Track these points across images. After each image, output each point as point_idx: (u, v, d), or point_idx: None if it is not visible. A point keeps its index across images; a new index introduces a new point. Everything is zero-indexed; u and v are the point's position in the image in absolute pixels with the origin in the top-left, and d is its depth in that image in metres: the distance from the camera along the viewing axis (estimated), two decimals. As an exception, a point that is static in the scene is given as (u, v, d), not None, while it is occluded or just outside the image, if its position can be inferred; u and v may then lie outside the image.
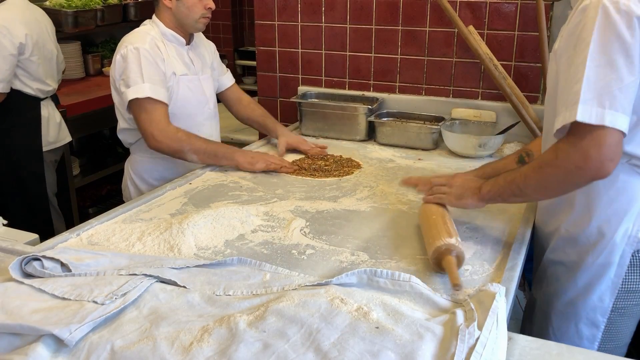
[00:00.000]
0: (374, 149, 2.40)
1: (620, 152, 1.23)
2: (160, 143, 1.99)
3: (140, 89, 1.97)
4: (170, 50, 2.09)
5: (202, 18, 2.10)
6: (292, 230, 1.59)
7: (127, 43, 2.02)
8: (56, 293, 1.15)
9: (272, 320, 1.06)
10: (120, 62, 2.01)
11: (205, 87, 2.23)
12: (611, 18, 1.19)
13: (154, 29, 2.10)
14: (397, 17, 2.55)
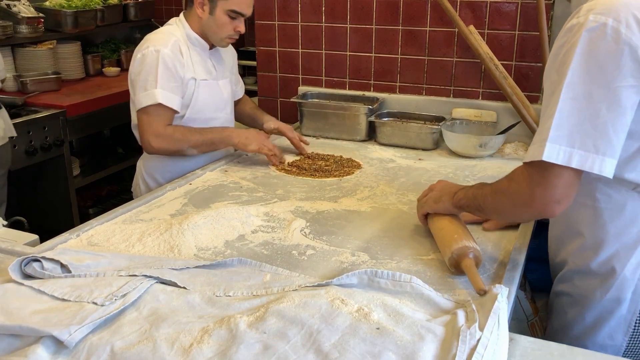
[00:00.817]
0: (375, 149, 2.39)
1: (572, 195, 1.14)
2: (157, 150, 2.02)
3: (152, 95, 1.97)
4: (193, 55, 2.08)
5: (228, 38, 2.09)
6: (293, 230, 1.59)
7: (149, 43, 2.01)
8: (56, 294, 1.15)
9: (272, 321, 1.06)
10: (140, 62, 2.00)
11: (225, 92, 2.23)
12: (595, 45, 1.07)
13: (180, 29, 2.09)
14: (397, 17, 2.55)
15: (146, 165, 2.21)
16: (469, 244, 1.33)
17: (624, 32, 1.04)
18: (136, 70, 2.01)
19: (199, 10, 2.04)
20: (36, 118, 2.97)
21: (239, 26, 2.06)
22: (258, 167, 2.14)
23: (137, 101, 2.00)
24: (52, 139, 3.03)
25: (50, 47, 3.55)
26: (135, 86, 2.02)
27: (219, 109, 2.20)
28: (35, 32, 3.48)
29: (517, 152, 2.33)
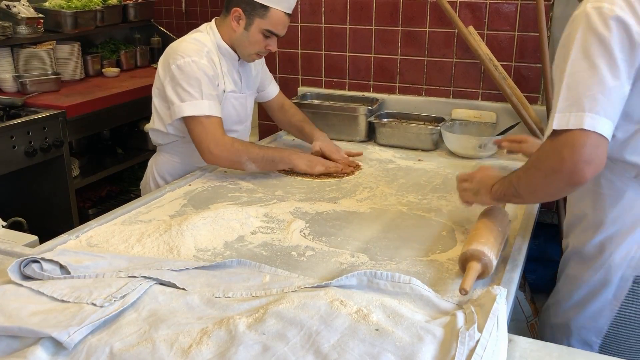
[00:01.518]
0: (374, 150, 2.39)
1: (600, 157, 1.18)
2: (217, 157, 1.96)
3: (198, 106, 1.93)
4: (223, 65, 2.06)
5: (257, 55, 2.07)
6: (292, 231, 1.59)
7: (183, 53, 1.96)
8: (55, 295, 1.15)
9: (271, 323, 1.06)
10: (177, 73, 1.94)
11: (248, 104, 2.22)
12: (593, 23, 1.17)
13: (210, 38, 2.05)
14: (397, 17, 2.55)
15: (158, 166, 2.20)
16: (489, 253, 1.30)
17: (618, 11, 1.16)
18: (174, 80, 1.95)
19: (234, 23, 2.00)
20: (36, 119, 2.96)
21: (270, 44, 2.03)
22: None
23: (178, 110, 1.95)
24: (51, 140, 3.02)
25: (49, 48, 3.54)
26: (173, 96, 1.96)
27: (241, 121, 2.19)
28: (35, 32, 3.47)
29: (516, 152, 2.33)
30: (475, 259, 1.29)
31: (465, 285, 1.19)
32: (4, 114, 2.99)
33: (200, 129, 1.95)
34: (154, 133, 2.16)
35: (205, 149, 1.95)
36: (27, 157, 2.92)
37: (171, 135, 2.11)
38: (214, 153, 1.95)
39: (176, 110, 1.96)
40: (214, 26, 2.07)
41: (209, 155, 1.96)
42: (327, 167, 2.08)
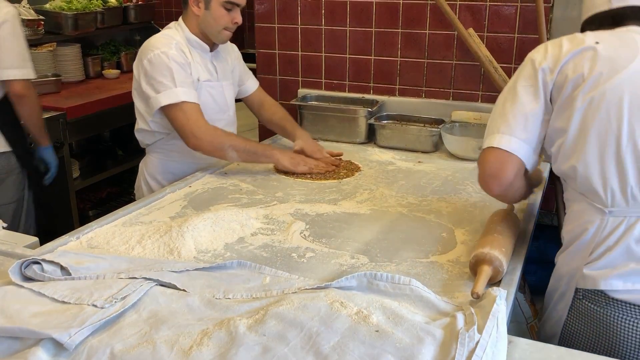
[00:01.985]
0: (374, 152, 2.40)
1: (506, 171, 1.36)
2: (201, 140, 1.97)
3: (173, 94, 1.96)
4: (195, 56, 2.09)
5: (226, 30, 2.09)
6: (292, 233, 1.59)
7: (152, 47, 2.00)
8: (56, 297, 1.15)
9: (272, 324, 1.06)
10: (147, 67, 1.98)
11: (227, 94, 2.23)
12: (525, 64, 1.41)
13: (179, 33, 2.09)
14: (397, 19, 2.55)
15: (148, 168, 2.22)
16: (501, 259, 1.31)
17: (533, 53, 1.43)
18: (146, 75, 1.99)
19: (195, 8, 2.05)
20: (36, 120, 2.96)
21: (235, 17, 2.07)
22: (257, 169, 2.14)
23: (155, 102, 1.98)
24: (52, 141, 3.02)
25: (50, 50, 3.55)
26: (147, 89, 2.00)
27: (222, 110, 2.20)
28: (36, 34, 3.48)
29: (516, 154, 2.33)
30: (488, 263, 1.29)
31: (477, 289, 1.19)
32: (5, 115, 2.99)
33: (181, 115, 1.97)
34: (140, 134, 2.19)
35: (188, 133, 1.97)
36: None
37: (156, 133, 2.13)
38: (197, 136, 1.97)
39: (153, 102, 1.99)
40: (181, 22, 2.12)
41: (192, 139, 1.98)
42: (310, 167, 2.09)
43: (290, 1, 2.72)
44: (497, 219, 1.50)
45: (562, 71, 1.33)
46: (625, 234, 1.30)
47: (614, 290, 1.31)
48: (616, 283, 1.31)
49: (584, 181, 1.33)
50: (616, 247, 1.31)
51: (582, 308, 1.38)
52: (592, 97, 1.28)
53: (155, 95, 1.98)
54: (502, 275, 1.32)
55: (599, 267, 1.33)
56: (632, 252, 1.29)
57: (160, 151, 2.18)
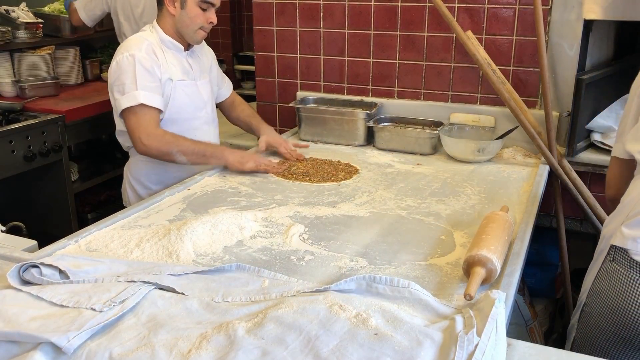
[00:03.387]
0: (373, 154, 2.40)
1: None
2: (147, 147, 2.01)
3: (133, 97, 1.99)
4: (168, 56, 2.11)
5: (201, 30, 2.11)
6: (291, 236, 1.59)
7: (123, 50, 2.03)
8: (54, 300, 1.15)
9: (270, 327, 1.06)
10: (115, 69, 2.03)
11: (203, 92, 2.24)
12: None
13: (153, 34, 2.12)
14: (395, 22, 2.56)
15: (132, 171, 2.23)
16: (493, 259, 1.31)
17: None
18: (113, 76, 2.03)
19: (171, 8, 2.07)
20: (35, 123, 2.96)
21: (210, 17, 2.10)
22: (256, 172, 2.14)
23: (118, 104, 2.02)
24: (50, 144, 3.02)
25: (48, 52, 3.55)
26: (114, 91, 2.04)
27: (198, 108, 2.22)
28: (34, 37, 3.48)
29: (515, 157, 2.34)
30: (480, 264, 1.29)
31: (470, 291, 1.19)
32: (3, 118, 3.00)
33: (134, 119, 2.01)
34: (120, 136, 2.21)
35: (137, 139, 2.01)
36: (26, 162, 2.92)
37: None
38: (145, 143, 2.00)
39: (117, 105, 2.03)
40: (155, 24, 2.14)
41: (140, 145, 2.01)
42: (258, 164, 2.10)
43: (288, 4, 2.72)
44: (485, 222, 1.50)
45: None
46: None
47: (636, 252, 1.40)
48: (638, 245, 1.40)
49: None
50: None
51: (609, 268, 1.47)
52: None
53: (119, 97, 2.02)
54: (497, 273, 1.31)
55: (631, 225, 1.42)
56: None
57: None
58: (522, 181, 2.07)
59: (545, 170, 2.17)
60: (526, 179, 2.09)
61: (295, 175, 2.10)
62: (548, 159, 2.22)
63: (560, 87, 2.36)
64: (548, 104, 2.21)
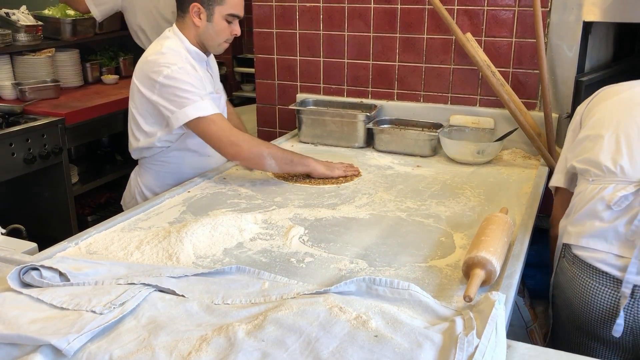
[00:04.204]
0: (373, 156, 2.40)
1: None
2: (240, 148, 1.95)
3: (201, 107, 1.93)
4: (198, 69, 2.07)
5: (225, 43, 2.09)
6: (291, 238, 1.59)
7: (167, 63, 1.95)
8: (54, 303, 1.15)
9: (270, 329, 1.06)
10: (168, 83, 1.93)
11: (222, 102, 2.23)
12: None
13: (180, 44, 2.05)
14: (395, 24, 2.56)
15: (143, 178, 2.18)
16: (493, 261, 1.31)
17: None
18: (168, 90, 1.93)
19: (196, 19, 2.02)
20: (35, 126, 2.97)
21: (235, 29, 2.07)
22: (256, 174, 2.14)
23: (183, 115, 1.93)
24: (50, 147, 3.03)
25: (49, 55, 3.55)
26: (169, 105, 1.94)
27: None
28: (34, 40, 3.49)
29: (514, 158, 2.34)
30: (479, 266, 1.29)
31: (469, 293, 1.19)
32: (3, 121, 3.00)
33: (214, 127, 1.95)
34: (139, 151, 2.14)
35: (226, 142, 1.95)
36: (26, 164, 2.92)
37: (157, 148, 2.10)
38: (237, 144, 1.95)
39: (178, 117, 1.94)
40: (177, 31, 2.06)
41: (232, 148, 1.95)
42: (345, 170, 2.11)
43: (288, 6, 2.72)
44: (484, 224, 1.51)
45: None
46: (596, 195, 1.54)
47: (576, 247, 1.58)
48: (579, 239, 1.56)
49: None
50: (587, 205, 1.55)
51: (562, 265, 1.65)
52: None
53: (179, 110, 1.93)
54: (496, 275, 1.31)
55: (574, 223, 1.59)
56: (596, 211, 1.53)
57: (159, 163, 2.14)
58: (522, 183, 2.07)
59: (545, 172, 2.17)
60: (526, 181, 2.09)
61: (295, 177, 2.09)
62: (548, 161, 2.22)
63: (559, 89, 2.36)
64: (547, 106, 2.21)
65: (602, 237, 1.52)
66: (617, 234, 1.49)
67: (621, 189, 1.50)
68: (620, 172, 1.52)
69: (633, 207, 1.48)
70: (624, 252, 1.48)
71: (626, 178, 1.52)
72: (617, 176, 1.53)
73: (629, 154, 1.53)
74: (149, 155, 2.15)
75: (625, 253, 1.48)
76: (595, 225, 1.53)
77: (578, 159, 1.64)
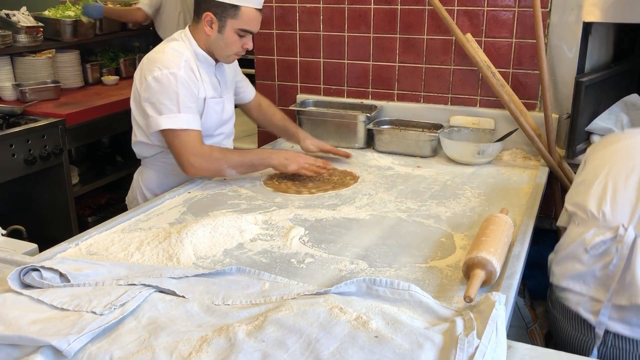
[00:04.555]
0: (373, 157, 2.40)
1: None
2: (197, 169, 1.95)
3: (176, 120, 1.91)
4: (202, 73, 2.03)
5: (235, 55, 2.05)
6: (291, 238, 1.59)
7: (161, 65, 1.91)
8: (55, 304, 1.15)
9: (271, 330, 1.06)
10: (153, 85, 1.90)
11: (228, 107, 2.20)
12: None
13: (187, 46, 2.01)
14: (395, 25, 2.56)
15: (144, 179, 2.18)
16: (493, 261, 1.31)
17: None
18: (150, 93, 1.92)
19: (207, 28, 1.97)
20: (35, 127, 2.97)
21: (247, 43, 2.02)
22: (257, 175, 2.14)
23: (154, 123, 1.92)
24: (51, 148, 3.03)
25: (49, 56, 3.56)
26: (148, 108, 1.93)
27: (224, 123, 2.17)
28: (35, 41, 3.49)
29: (514, 159, 2.34)
30: (479, 267, 1.29)
31: (470, 293, 1.19)
32: (4, 122, 3.01)
33: (178, 142, 1.92)
34: (139, 146, 2.13)
35: (185, 161, 1.94)
36: (27, 165, 2.93)
37: (156, 147, 2.07)
38: (194, 165, 1.93)
39: (153, 123, 1.93)
40: (188, 34, 2.03)
41: (190, 167, 1.94)
42: (300, 167, 2.06)
43: (288, 7, 2.72)
44: (484, 224, 1.51)
45: None
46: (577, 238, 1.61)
47: (557, 287, 1.67)
48: (561, 280, 1.65)
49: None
50: (570, 246, 1.63)
51: (549, 303, 1.76)
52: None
53: (157, 117, 1.92)
54: (497, 275, 1.31)
55: (559, 261, 1.68)
56: (577, 254, 1.60)
57: (160, 164, 2.12)
58: (522, 183, 2.07)
59: (545, 173, 2.17)
60: (526, 181, 2.09)
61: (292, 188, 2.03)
62: (548, 161, 2.22)
63: (559, 90, 2.36)
64: (548, 106, 2.21)
65: (581, 280, 1.60)
66: (594, 277, 1.57)
67: (600, 234, 1.57)
68: (602, 217, 1.58)
69: (610, 253, 1.54)
70: (600, 296, 1.55)
71: (606, 224, 1.57)
72: (598, 221, 1.59)
73: (612, 201, 1.58)
74: (149, 154, 2.13)
75: (600, 297, 1.55)
76: (575, 267, 1.61)
77: (570, 201, 1.72)
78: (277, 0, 2.73)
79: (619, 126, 2.40)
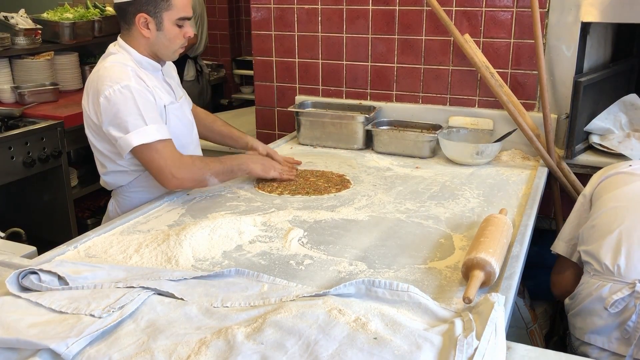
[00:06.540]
0: (372, 158, 2.40)
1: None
2: (181, 180, 1.83)
3: (145, 133, 1.77)
4: (151, 80, 1.89)
5: (180, 48, 1.95)
6: (290, 240, 1.59)
7: (109, 82, 1.78)
8: (53, 307, 1.15)
9: (270, 332, 1.06)
10: (109, 105, 1.77)
11: (187, 111, 2.09)
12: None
13: (128, 57, 1.89)
14: (393, 26, 2.56)
15: (122, 206, 2.02)
16: (492, 262, 1.30)
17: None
18: (109, 113, 1.78)
19: (144, 31, 1.86)
20: (34, 129, 2.97)
21: (187, 32, 1.91)
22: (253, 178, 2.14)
23: (124, 143, 1.78)
24: (49, 150, 3.03)
25: (47, 58, 3.56)
26: (111, 130, 1.79)
27: (189, 130, 2.08)
28: (33, 43, 3.49)
29: (513, 159, 2.34)
30: (478, 267, 1.29)
31: (469, 294, 1.19)
32: (2, 124, 3.01)
33: (157, 156, 1.80)
34: (112, 176, 1.97)
35: (167, 175, 1.81)
36: (26, 168, 2.92)
37: (133, 171, 1.95)
38: (177, 177, 1.82)
39: (123, 143, 1.79)
40: (124, 44, 1.91)
41: (172, 180, 1.82)
42: (280, 172, 2.06)
43: (287, 8, 2.73)
44: (483, 225, 1.51)
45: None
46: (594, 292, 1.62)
47: (579, 340, 1.67)
48: (583, 335, 1.64)
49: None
50: (588, 299, 1.63)
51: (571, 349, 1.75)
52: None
53: (124, 136, 1.77)
54: (496, 276, 1.31)
55: (579, 312, 1.67)
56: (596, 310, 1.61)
57: (139, 189, 1.98)
58: (521, 184, 2.07)
59: (544, 173, 2.17)
60: (525, 182, 2.09)
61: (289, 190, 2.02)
62: (547, 162, 2.22)
63: (558, 90, 2.36)
64: (546, 107, 2.22)
65: (602, 334, 1.61)
66: (615, 332, 1.58)
67: (617, 290, 1.57)
68: (617, 271, 1.59)
69: (629, 309, 1.56)
70: (622, 351, 1.58)
71: (621, 278, 1.58)
72: (614, 275, 1.60)
73: (626, 254, 1.59)
74: (126, 182, 1.99)
75: (622, 351, 1.57)
76: (595, 322, 1.62)
77: (583, 248, 1.72)
78: (275, 2, 2.74)
79: (617, 126, 2.40)
